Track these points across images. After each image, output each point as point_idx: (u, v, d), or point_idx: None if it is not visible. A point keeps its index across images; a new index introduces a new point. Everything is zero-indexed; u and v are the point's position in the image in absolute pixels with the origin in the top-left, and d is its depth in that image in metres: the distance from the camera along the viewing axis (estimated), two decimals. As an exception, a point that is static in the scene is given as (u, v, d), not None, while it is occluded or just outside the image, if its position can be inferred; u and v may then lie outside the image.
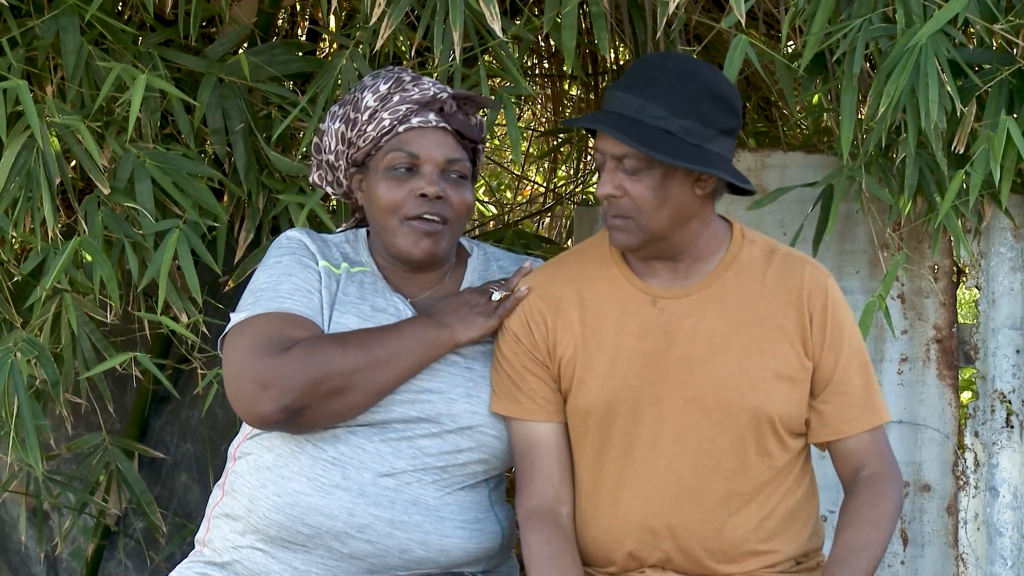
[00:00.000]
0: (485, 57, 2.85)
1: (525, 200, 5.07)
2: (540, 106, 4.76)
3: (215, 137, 3.00)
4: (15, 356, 2.70)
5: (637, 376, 2.25)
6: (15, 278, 2.95)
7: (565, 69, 3.57)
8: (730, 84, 2.23)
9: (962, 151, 2.66)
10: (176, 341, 3.19)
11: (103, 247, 2.81)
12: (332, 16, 3.63)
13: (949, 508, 2.99)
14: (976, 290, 3.02)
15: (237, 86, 2.99)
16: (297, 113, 2.85)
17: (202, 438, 3.50)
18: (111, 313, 2.90)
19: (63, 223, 2.94)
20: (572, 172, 4.71)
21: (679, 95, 2.16)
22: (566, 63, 2.78)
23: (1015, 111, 2.67)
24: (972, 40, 2.90)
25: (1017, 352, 2.96)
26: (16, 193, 2.74)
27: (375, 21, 2.65)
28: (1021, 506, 2.95)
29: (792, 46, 3.14)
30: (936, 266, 2.99)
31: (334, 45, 3.64)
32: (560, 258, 2.41)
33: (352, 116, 2.37)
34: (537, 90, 4.46)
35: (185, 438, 3.54)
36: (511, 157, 4.91)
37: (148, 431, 3.56)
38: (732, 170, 2.20)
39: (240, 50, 3.16)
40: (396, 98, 2.35)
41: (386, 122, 2.34)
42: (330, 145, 2.41)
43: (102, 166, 2.77)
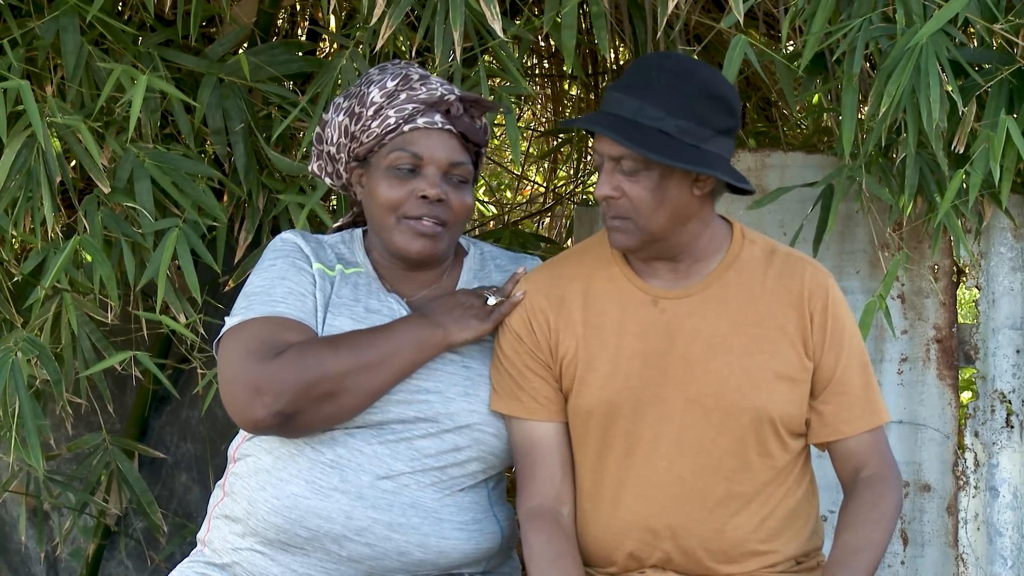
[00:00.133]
0: (485, 57, 2.85)
1: (525, 200, 5.07)
2: (540, 106, 4.76)
3: (215, 137, 3.00)
4: (16, 356, 2.70)
5: (638, 376, 2.25)
6: (15, 278, 2.96)
7: (565, 69, 3.57)
8: (728, 84, 2.22)
9: (962, 151, 2.66)
10: (176, 341, 3.19)
11: (103, 247, 2.81)
12: (332, 16, 3.63)
13: (949, 508, 2.99)
14: (976, 290, 3.02)
15: (237, 86, 2.99)
16: (297, 113, 2.85)
17: (202, 438, 3.50)
18: (111, 313, 2.90)
19: (63, 223, 2.94)
20: (572, 172, 4.71)
21: (676, 95, 2.16)
22: (566, 63, 2.78)
23: (1015, 111, 2.67)
24: (972, 40, 2.90)
25: (1017, 352, 2.96)
26: (16, 192, 2.75)
27: (376, 21, 2.65)
28: (1021, 506, 2.95)
29: (792, 46, 3.14)
30: (936, 266, 2.99)
31: (334, 45, 3.64)
32: (561, 257, 2.41)
33: (357, 110, 2.35)
34: (537, 90, 4.46)
35: (185, 438, 3.54)
36: (511, 157, 4.91)
37: (148, 431, 3.56)
38: (730, 170, 2.20)
39: (240, 50, 3.16)
40: (403, 96, 2.33)
41: (391, 120, 2.33)
42: (332, 137, 2.39)
43: (102, 165, 2.77)
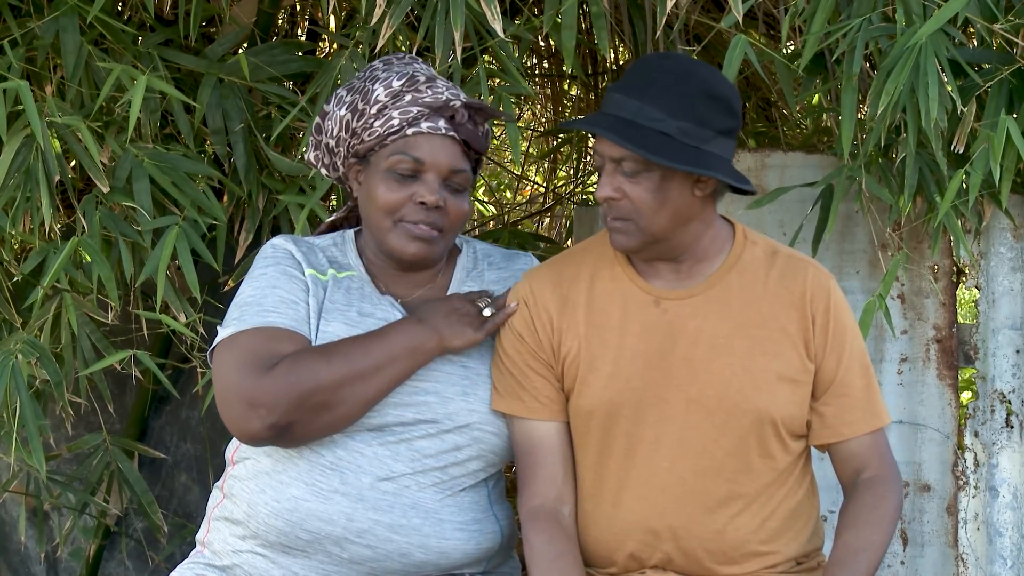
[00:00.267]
0: (485, 57, 2.85)
1: (525, 200, 5.07)
2: (540, 106, 4.76)
3: (215, 137, 3.00)
4: (16, 359, 2.70)
5: (640, 377, 2.25)
6: (15, 278, 2.96)
7: (565, 69, 3.57)
8: (729, 84, 2.22)
9: (962, 150, 2.66)
10: (176, 340, 3.19)
11: (102, 247, 2.81)
12: (332, 16, 3.63)
13: (949, 508, 2.99)
14: (976, 290, 3.02)
15: (237, 86, 2.99)
16: (297, 113, 2.85)
17: (202, 438, 3.49)
18: (111, 313, 2.90)
19: (63, 223, 2.94)
20: (572, 172, 4.71)
21: (676, 96, 2.15)
22: (566, 63, 2.78)
23: (1015, 111, 2.67)
24: (972, 40, 2.90)
25: (1017, 352, 2.96)
26: (14, 192, 2.75)
27: (376, 22, 2.64)
28: (1021, 506, 2.95)
29: (792, 46, 3.14)
30: (936, 266, 2.99)
31: (334, 45, 3.64)
32: (563, 257, 2.40)
33: (360, 107, 2.33)
34: (537, 90, 4.46)
35: (185, 438, 3.54)
36: (511, 157, 4.91)
37: (148, 431, 3.56)
38: (731, 171, 2.20)
39: (240, 50, 3.16)
40: (408, 97, 2.31)
41: (395, 121, 2.31)
42: (332, 130, 2.37)
43: (101, 165, 2.77)
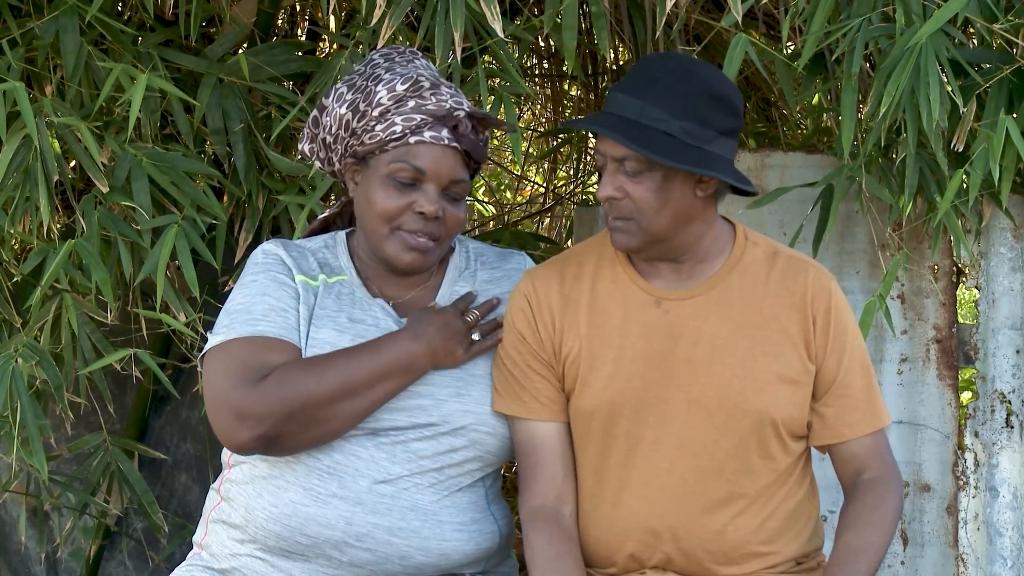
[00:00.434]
0: (485, 57, 2.85)
1: (525, 200, 5.07)
2: (540, 106, 4.76)
3: (215, 137, 3.00)
4: (16, 362, 2.70)
5: (640, 377, 2.24)
6: (15, 278, 2.96)
7: (565, 69, 3.57)
8: (731, 84, 2.21)
9: (961, 150, 2.66)
10: (176, 340, 3.19)
11: (102, 247, 2.81)
12: (332, 16, 3.63)
13: (949, 508, 2.99)
14: (976, 290, 3.02)
15: (237, 86, 2.99)
16: (296, 113, 2.84)
17: (202, 438, 3.49)
18: (111, 313, 2.90)
19: (63, 223, 2.94)
20: (572, 172, 4.71)
21: (679, 97, 2.15)
22: (566, 63, 2.78)
23: (1015, 110, 2.67)
24: (972, 39, 2.90)
25: (1017, 352, 2.96)
26: (13, 192, 2.74)
27: (376, 22, 2.64)
28: (1021, 506, 2.95)
29: (792, 46, 3.14)
30: (936, 266, 2.99)
31: (334, 45, 3.64)
32: (564, 256, 2.39)
33: (362, 108, 2.30)
34: (537, 90, 4.46)
35: (185, 438, 3.54)
36: (511, 157, 4.91)
37: (148, 431, 3.55)
38: (733, 171, 2.20)
39: (240, 50, 3.16)
40: (411, 103, 2.29)
41: (397, 128, 2.28)
42: (330, 126, 2.34)
43: (101, 165, 2.77)
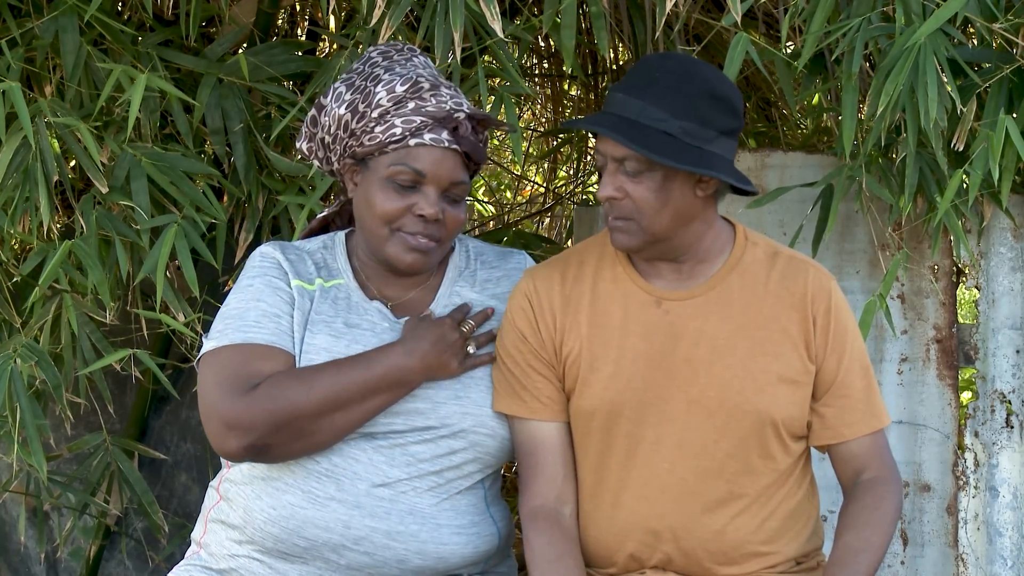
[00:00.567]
0: (485, 57, 2.85)
1: (525, 200, 5.07)
2: (540, 106, 4.76)
3: (214, 137, 3.00)
4: (15, 362, 2.70)
5: (641, 377, 2.24)
6: (15, 278, 2.96)
7: (565, 69, 3.57)
8: (731, 84, 2.21)
9: (961, 149, 2.66)
10: (176, 340, 3.19)
11: (101, 247, 2.81)
12: (332, 16, 3.63)
13: (949, 508, 2.99)
14: (976, 290, 3.02)
15: (236, 86, 2.99)
16: (296, 113, 2.84)
17: (202, 438, 3.49)
18: (110, 313, 2.90)
19: (62, 223, 2.94)
20: (572, 172, 4.71)
21: (679, 96, 2.15)
22: (565, 63, 2.77)
23: (1014, 110, 2.67)
24: (972, 39, 2.90)
25: (1017, 352, 2.96)
26: (12, 192, 2.74)
27: (375, 22, 2.64)
28: (1021, 506, 2.95)
29: (792, 46, 3.14)
30: (936, 266, 2.99)
31: (334, 45, 3.65)
32: (564, 256, 2.39)
33: (361, 108, 2.29)
34: (537, 90, 4.46)
35: (185, 438, 3.54)
36: (511, 157, 4.91)
37: (148, 431, 3.55)
38: (733, 171, 2.19)
39: (240, 50, 3.16)
40: (411, 105, 2.27)
41: (397, 130, 2.27)
42: (329, 126, 2.33)
43: (100, 164, 2.77)
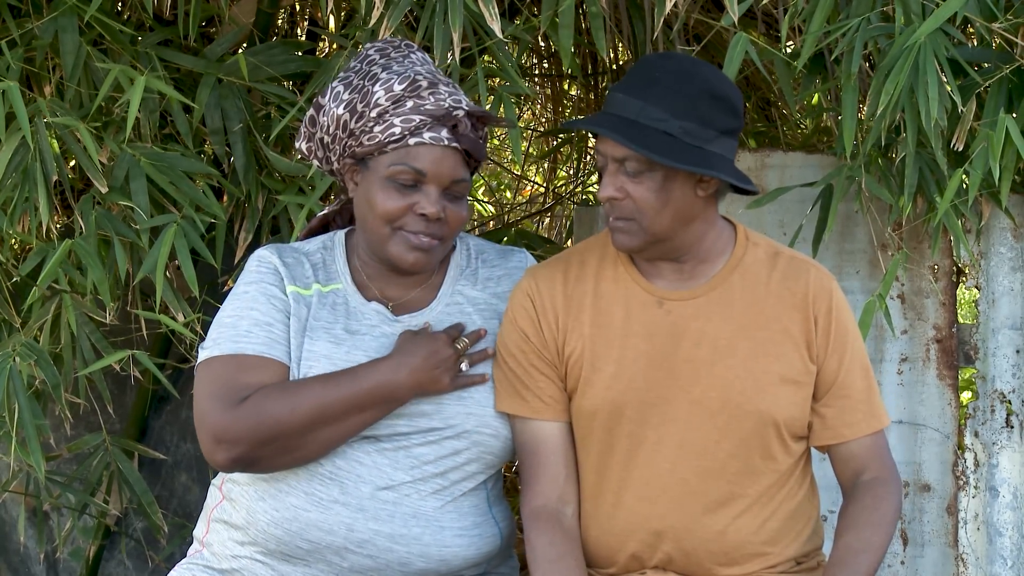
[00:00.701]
0: (484, 57, 2.85)
1: (525, 200, 5.07)
2: (540, 106, 4.76)
3: (214, 137, 3.00)
4: (14, 361, 2.70)
5: (643, 378, 2.24)
6: (15, 278, 2.96)
7: (565, 69, 3.57)
8: (731, 84, 2.21)
9: (961, 149, 2.66)
10: (175, 340, 3.19)
11: (101, 247, 2.81)
12: (331, 16, 3.63)
13: (949, 508, 2.99)
14: (976, 290, 3.01)
15: (236, 86, 2.98)
16: (296, 113, 2.84)
17: (202, 438, 3.49)
18: (110, 314, 2.90)
19: (62, 223, 2.94)
20: (572, 172, 4.71)
21: (679, 96, 2.15)
22: (564, 63, 2.77)
23: (1014, 110, 2.67)
24: (972, 39, 2.90)
25: (1017, 352, 2.96)
26: (12, 191, 2.74)
27: (374, 23, 2.64)
28: (1021, 506, 2.95)
29: (791, 46, 3.14)
30: (936, 266, 2.99)
31: (333, 45, 3.64)
32: (566, 255, 2.39)
33: (359, 108, 2.28)
34: (537, 90, 4.46)
35: (185, 438, 3.54)
36: (511, 157, 4.91)
37: (148, 431, 3.55)
38: (734, 171, 2.19)
39: (239, 50, 3.16)
40: (410, 104, 2.27)
41: (396, 130, 2.26)
42: (328, 127, 2.32)
43: (100, 164, 2.77)
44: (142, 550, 3.53)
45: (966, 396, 3.72)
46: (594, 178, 4.51)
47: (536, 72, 4.39)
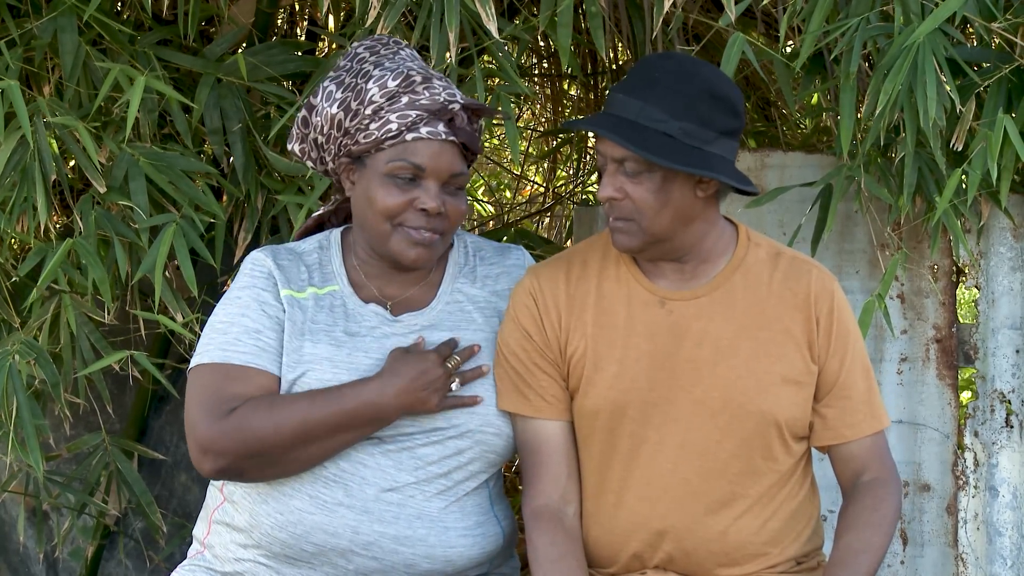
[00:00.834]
0: (484, 57, 2.85)
1: (525, 200, 5.07)
2: (540, 106, 4.76)
3: (213, 137, 3.00)
4: (13, 359, 2.70)
5: (645, 377, 2.24)
6: (14, 278, 2.96)
7: (565, 69, 3.57)
8: (732, 85, 2.21)
9: (960, 149, 2.66)
10: (175, 340, 3.19)
11: (100, 247, 2.81)
12: (331, 16, 3.63)
13: (949, 508, 2.98)
14: (976, 290, 3.01)
15: (235, 86, 2.98)
16: (295, 113, 2.84)
17: (201, 438, 3.48)
18: (109, 314, 2.90)
19: (62, 223, 2.93)
20: (572, 172, 4.71)
21: (679, 97, 2.15)
22: (563, 62, 2.77)
23: (1013, 109, 2.67)
24: (971, 39, 2.90)
25: (1017, 352, 2.95)
26: (10, 191, 2.74)
27: (371, 22, 2.64)
28: (1021, 506, 2.95)
29: (791, 46, 3.14)
30: (935, 266, 2.98)
31: (333, 45, 3.64)
32: (568, 254, 2.38)
33: (353, 106, 2.27)
34: (536, 90, 4.46)
35: (185, 438, 3.53)
36: (511, 157, 4.91)
37: (148, 431, 3.55)
38: (734, 172, 2.19)
39: (239, 50, 3.16)
40: (405, 99, 2.26)
41: (393, 126, 2.25)
42: (322, 126, 2.31)
43: (99, 164, 2.77)
44: (142, 550, 3.53)
45: (966, 396, 3.72)
46: (594, 178, 4.51)
47: (536, 72, 4.39)
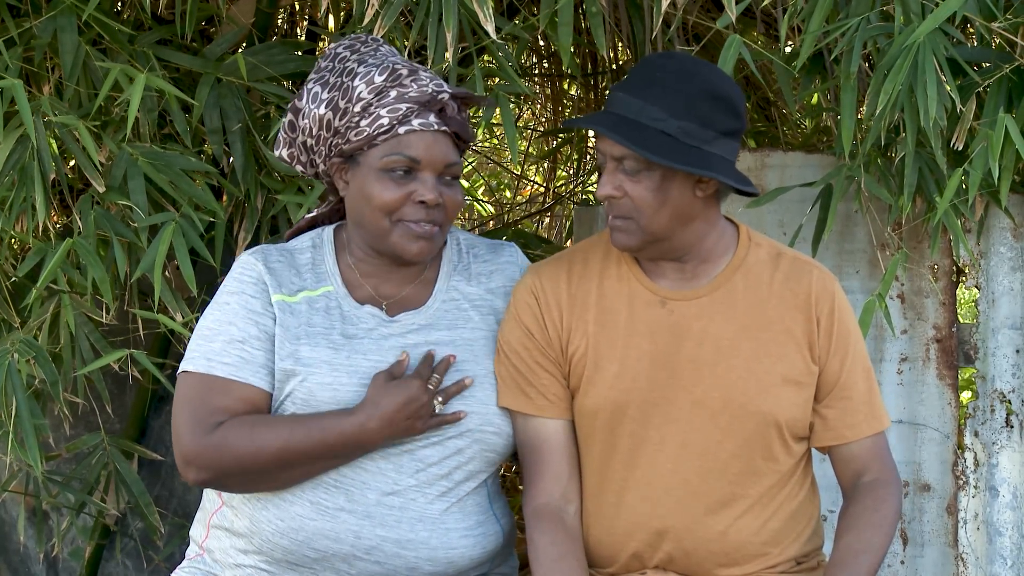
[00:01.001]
0: (484, 56, 2.85)
1: (525, 200, 5.07)
2: (540, 106, 4.76)
3: (213, 137, 3.00)
4: (13, 357, 2.70)
5: (646, 377, 2.24)
6: (13, 278, 2.95)
7: (565, 69, 3.57)
8: (732, 85, 2.20)
9: (960, 149, 2.65)
10: (174, 340, 3.18)
11: (100, 246, 2.80)
12: (330, 16, 3.63)
13: (949, 508, 2.98)
14: (976, 290, 3.01)
15: (235, 86, 2.98)
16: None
17: (201, 438, 3.48)
18: (109, 314, 2.90)
19: (61, 223, 2.93)
20: (572, 172, 4.71)
21: (679, 96, 2.15)
22: (563, 62, 2.77)
23: (1014, 109, 2.66)
24: (972, 39, 2.90)
25: (1017, 352, 2.95)
26: (8, 190, 2.74)
27: (368, 22, 2.64)
28: (1021, 506, 2.95)
29: (791, 46, 3.14)
30: (936, 266, 2.98)
31: (333, 45, 3.64)
32: (569, 253, 2.38)
33: (342, 105, 2.25)
34: (536, 90, 4.46)
35: (184, 438, 3.53)
36: (510, 156, 4.91)
37: (148, 431, 3.55)
38: (733, 172, 2.19)
39: (238, 50, 3.15)
40: (393, 93, 2.25)
41: (384, 121, 2.24)
42: (310, 129, 2.29)
43: (99, 164, 2.76)
44: (141, 550, 3.53)
45: (966, 396, 3.72)
46: (594, 178, 4.51)
47: (536, 72, 4.39)
